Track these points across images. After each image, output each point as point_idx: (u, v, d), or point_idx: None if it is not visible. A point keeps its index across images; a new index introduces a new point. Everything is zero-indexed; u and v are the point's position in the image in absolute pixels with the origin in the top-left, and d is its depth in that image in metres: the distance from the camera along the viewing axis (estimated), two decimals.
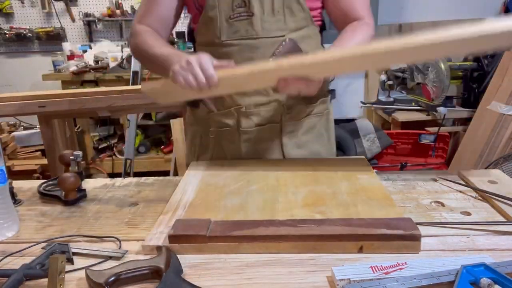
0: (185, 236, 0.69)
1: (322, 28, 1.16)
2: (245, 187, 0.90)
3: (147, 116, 3.50)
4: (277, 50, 1.05)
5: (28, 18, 3.72)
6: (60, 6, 3.69)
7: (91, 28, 3.74)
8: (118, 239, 0.75)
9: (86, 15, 3.67)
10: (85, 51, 3.57)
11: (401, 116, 3.02)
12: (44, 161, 2.64)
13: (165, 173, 3.31)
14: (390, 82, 3.38)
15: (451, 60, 3.09)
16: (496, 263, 0.59)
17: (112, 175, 3.39)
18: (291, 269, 0.64)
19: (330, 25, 1.17)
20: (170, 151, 3.38)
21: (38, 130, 2.84)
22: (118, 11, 3.64)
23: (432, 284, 0.56)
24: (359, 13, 1.08)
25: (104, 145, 3.49)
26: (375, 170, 1.00)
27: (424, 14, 3.50)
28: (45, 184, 1.00)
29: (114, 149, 3.49)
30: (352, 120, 3.13)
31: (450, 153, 2.99)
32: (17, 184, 1.02)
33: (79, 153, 0.98)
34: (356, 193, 0.85)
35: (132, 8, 3.65)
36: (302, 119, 1.14)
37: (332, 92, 1.27)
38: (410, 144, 3.00)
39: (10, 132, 2.93)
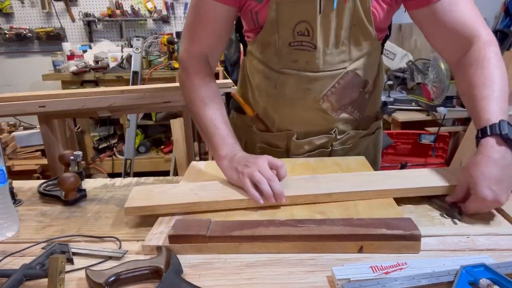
0: (185, 236, 0.69)
1: (385, 38, 1.07)
2: None
3: (147, 116, 3.51)
4: (336, 83, 1.01)
5: (28, 18, 3.72)
6: (60, 6, 3.69)
7: (91, 28, 3.74)
8: (118, 239, 0.75)
9: (86, 15, 3.67)
10: (85, 51, 3.58)
11: (401, 116, 3.02)
12: (44, 161, 2.64)
13: (165, 173, 3.31)
14: (390, 82, 3.38)
15: None
16: (496, 264, 0.59)
17: (112, 175, 3.39)
18: (291, 269, 0.64)
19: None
20: (170, 151, 3.39)
21: (38, 130, 2.84)
22: (118, 11, 3.64)
23: (431, 284, 0.56)
24: (473, 29, 0.88)
25: (104, 145, 3.49)
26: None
27: None
28: (45, 184, 1.00)
29: (114, 149, 3.49)
30: None
31: (450, 153, 2.99)
32: (17, 184, 1.02)
33: (79, 153, 0.98)
34: None
35: (132, 8, 3.65)
36: (353, 143, 1.12)
37: (386, 105, 1.21)
38: (410, 144, 3.00)
39: (10, 132, 2.93)
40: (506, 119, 0.76)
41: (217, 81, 1.18)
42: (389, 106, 3.12)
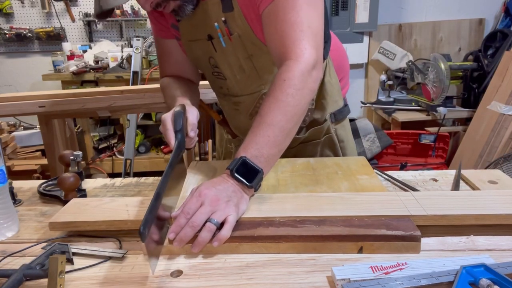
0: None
1: None
2: None
3: (147, 116, 3.50)
4: (257, 103, 1.08)
5: (28, 18, 3.72)
6: (60, 6, 3.69)
7: (91, 28, 3.73)
8: (118, 239, 0.75)
9: (86, 15, 3.66)
10: (85, 51, 3.57)
11: (401, 116, 3.02)
12: (44, 161, 2.64)
13: None
14: (390, 82, 3.39)
15: (451, 60, 3.09)
16: (496, 264, 0.59)
17: (112, 175, 3.39)
18: (291, 269, 0.64)
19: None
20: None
21: (38, 130, 2.84)
22: (118, 11, 3.63)
23: (431, 284, 0.56)
24: (283, 47, 0.85)
25: (104, 145, 3.49)
26: (375, 170, 1.00)
27: (424, 14, 3.50)
28: (45, 184, 1.00)
29: (114, 149, 3.49)
30: (352, 120, 3.13)
31: (450, 153, 2.99)
32: (17, 184, 1.02)
33: (79, 153, 0.98)
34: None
35: (132, 8, 3.65)
36: (297, 148, 1.16)
37: (337, 113, 1.18)
38: (410, 144, 3.01)
39: (10, 132, 2.93)
40: (254, 155, 0.77)
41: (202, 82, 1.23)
42: (389, 106, 3.12)
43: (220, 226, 0.69)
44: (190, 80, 1.15)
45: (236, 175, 0.76)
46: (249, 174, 0.77)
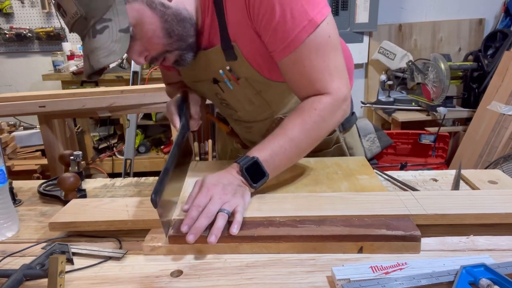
0: (185, 237, 0.69)
1: None
2: None
3: (147, 116, 3.50)
4: (270, 126, 1.06)
5: (28, 18, 3.72)
6: None
7: None
8: (118, 239, 0.75)
9: None
10: None
11: (401, 116, 3.02)
12: (44, 161, 2.64)
13: None
14: (390, 82, 3.39)
15: (451, 60, 3.09)
16: (496, 264, 0.59)
17: (112, 175, 3.39)
18: (291, 269, 0.64)
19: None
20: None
21: (38, 130, 2.84)
22: None
23: (431, 284, 0.56)
24: (312, 88, 0.87)
25: (104, 145, 3.49)
26: (375, 170, 1.00)
27: (424, 14, 3.50)
28: (45, 184, 1.00)
29: (114, 149, 3.49)
30: None
31: (450, 153, 2.99)
32: (17, 184, 1.02)
33: (79, 153, 0.98)
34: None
35: None
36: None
37: (344, 123, 1.16)
38: (410, 144, 3.01)
39: (10, 132, 2.93)
40: (266, 159, 0.80)
41: None
42: (389, 106, 3.12)
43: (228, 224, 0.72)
44: None
45: (245, 173, 0.79)
46: (256, 175, 0.80)
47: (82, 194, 0.94)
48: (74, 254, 0.69)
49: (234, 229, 0.69)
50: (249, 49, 0.89)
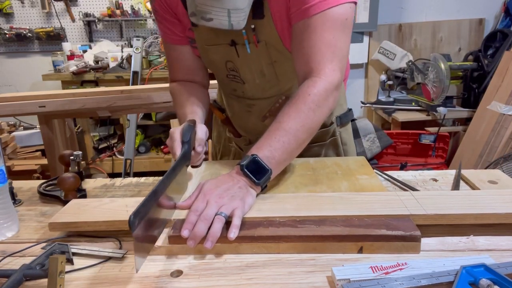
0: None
1: None
2: None
3: (147, 116, 3.50)
4: (273, 107, 1.08)
5: (28, 18, 3.72)
6: (60, 6, 3.69)
7: (91, 28, 3.73)
8: (118, 239, 0.75)
9: (86, 15, 3.66)
10: (85, 51, 3.58)
11: (401, 116, 3.02)
12: (44, 161, 2.64)
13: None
14: (390, 82, 3.39)
15: (451, 60, 3.09)
16: (496, 264, 0.59)
17: (112, 175, 3.39)
18: (291, 269, 0.64)
19: None
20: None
21: (38, 130, 2.84)
22: (118, 11, 3.63)
23: (431, 284, 0.56)
24: (312, 63, 0.88)
25: (104, 145, 3.49)
26: (375, 170, 1.00)
27: (424, 14, 3.50)
28: (45, 184, 1.00)
29: (114, 149, 3.49)
30: (352, 120, 3.13)
31: (450, 153, 2.99)
32: (17, 184, 1.02)
33: (79, 153, 0.98)
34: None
35: (132, 8, 3.65)
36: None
37: (342, 117, 1.20)
38: (410, 144, 3.01)
39: (10, 132, 2.93)
40: (266, 156, 0.80)
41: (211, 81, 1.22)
42: (389, 106, 3.12)
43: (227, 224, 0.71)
44: (200, 84, 1.14)
45: (246, 170, 0.79)
46: (258, 172, 0.80)
47: (82, 194, 0.94)
48: (74, 254, 0.69)
49: (232, 234, 0.67)
50: (277, 9, 0.89)
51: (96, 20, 3.69)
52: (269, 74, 1.02)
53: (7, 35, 3.68)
